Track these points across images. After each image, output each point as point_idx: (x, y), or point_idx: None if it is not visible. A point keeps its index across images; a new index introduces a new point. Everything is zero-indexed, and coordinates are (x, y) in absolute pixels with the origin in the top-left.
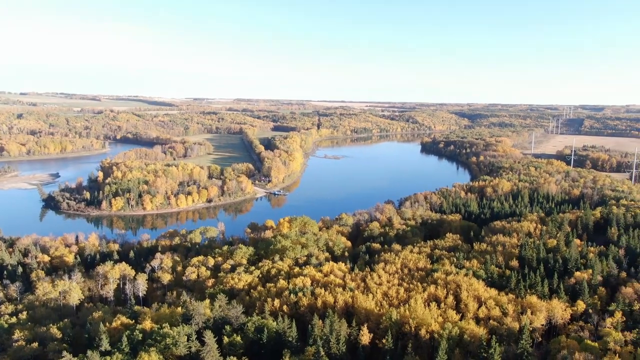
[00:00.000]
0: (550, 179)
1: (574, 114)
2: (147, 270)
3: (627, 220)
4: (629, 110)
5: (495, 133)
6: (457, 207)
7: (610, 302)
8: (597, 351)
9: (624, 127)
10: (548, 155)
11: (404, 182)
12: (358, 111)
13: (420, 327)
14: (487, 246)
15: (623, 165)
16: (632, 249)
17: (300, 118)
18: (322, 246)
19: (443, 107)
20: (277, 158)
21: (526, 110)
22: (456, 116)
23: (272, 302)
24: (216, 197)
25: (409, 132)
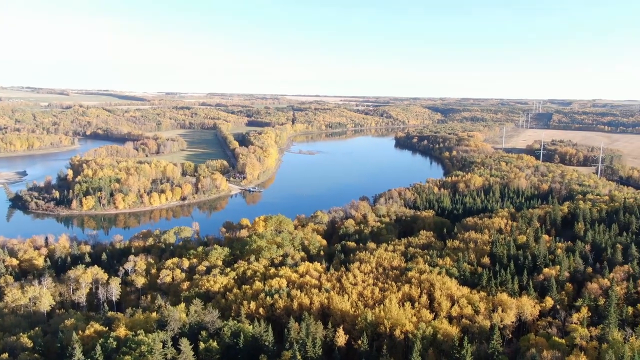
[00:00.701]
0: (520, 174)
1: (543, 109)
2: (120, 274)
3: (593, 215)
4: (595, 105)
5: (467, 128)
6: (431, 203)
7: (576, 298)
8: (564, 348)
9: (590, 122)
10: (518, 150)
11: (378, 177)
12: (333, 106)
13: (395, 327)
14: (460, 243)
15: (589, 159)
16: (597, 244)
17: (274, 113)
18: (298, 245)
19: (416, 101)
20: (251, 154)
21: (497, 105)
22: (429, 111)
23: (248, 305)
24: (190, 195)
25: (383, 127)
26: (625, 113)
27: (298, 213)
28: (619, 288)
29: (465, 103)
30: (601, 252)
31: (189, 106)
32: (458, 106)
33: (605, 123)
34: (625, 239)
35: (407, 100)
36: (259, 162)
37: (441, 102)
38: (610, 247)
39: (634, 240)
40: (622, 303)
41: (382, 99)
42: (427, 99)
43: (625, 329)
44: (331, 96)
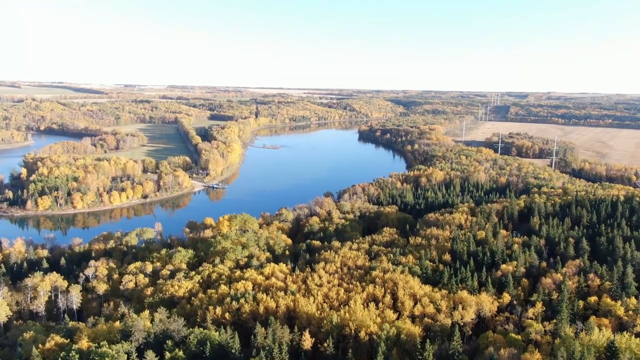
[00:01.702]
0: (479, 168)
1: (501, 101)
2: (80, 280)
3: (547, 209)
4: (550, 97)
5: (429, 121)
6: (394, 198)
7: (532, 293)
8: (520, 344)
9: (545, 114)
10: (478, 143)
11: (343, 171)
12: (296, 99)
13: (360, 329)
14: (422, 240)
15: (544, 151)
16: (551, 238)
17: (237, 106)
18: (263, 245)
19: (379, 94)
20: (214, 150)
21: (457, 98)
22: (392, 103)
23: (214, 311)
24: (152, 193)
25: (347, 120)
26: (577, 106)
27: (263, 210)
28: (571, 282)
29: (427, 96)
30: (555, 246)
31: (149, 99)
32: (420, 99)
33: (559, 115)
34: (577, 233)
35: (370, 93)
36: (222, 158)
37: (403, 95)
38: (563, 241)
39: (584, 234)
40: (574, 297)
41: (346, 92)
42: (390, 92)
43: (576, 323)
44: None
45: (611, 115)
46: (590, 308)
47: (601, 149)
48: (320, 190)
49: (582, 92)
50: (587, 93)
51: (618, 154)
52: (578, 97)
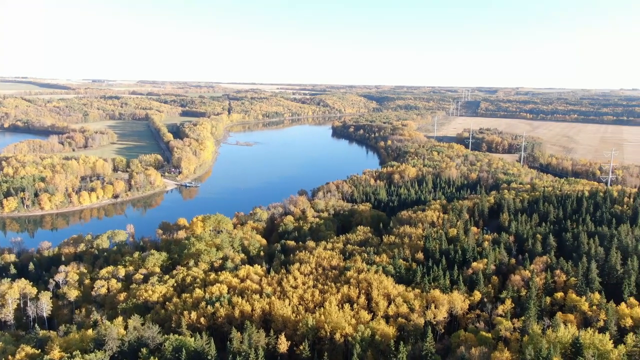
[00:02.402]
0: (451, 164)
1: (471, 97)
2: (50, 286)
3: (516, 205)
4: (518, 93)
5: (401, 116)
6: (368, 196)
7: (502, 290)
8: (490, 342)
9: (514, 109)
10: (449, 138)
11: (317, 168)
12: (269, 94)
13: (335, 331)
14: (396, 238)
15: (514, 147)
16: (520, 234)
17: (210, 102)
18: (238, 247)
19: (352, 89)
20: (187, 147)
21: (429, 93)
22: (365, 99)
23: (189, 315)
24: (123, 192)
25: (320, 116)
26: (545, 101)
27: (237, 209)
28: (539, 279)
29: (400, 91)
30: (523, 242)
31: (119, 95)
32: (392, 94)
33: (528, 111)
34: (544, 229)
35: (343, 89)
36: (195, 155)
37: (376, 90)
38: (531, 237)
39: (551, 230)
40: (541, 293)
41: (319, 87)
42: (363, 87)
43: (543, 319)
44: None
45: (577, 110)
46: (557, 304)
47: (567, 143)
48: (295, 187)
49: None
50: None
51: (583, 148)
52: (545, 92)
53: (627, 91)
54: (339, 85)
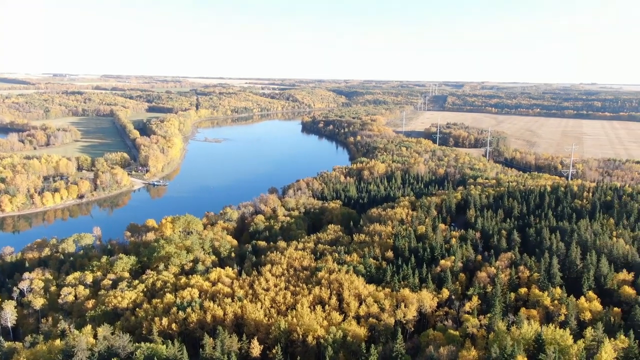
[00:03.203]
0: (419, 159)
1: (438, 91)
2: (14, 295)
3: (482, 201)
4: (484, 87)
5: (370, 111)
6: (338, 193)
7: (469, 287)
8: (458, 339)
9: (480, 104)
10: (418, 133)
11: (287, 165)
12: (238, 89)
13: (308, 333)
14: (366, 236)
15: (480, 141)
16: (486, 231)
17: (177, 98)
18: (208, 248)
19: (322, 83)
20: (154, 145)
21: (397, 87)
22: (334, 94)
23: (160, 322)
24: (88, 193)
25: (290, 111)
26: (509, 95)
27: (206, 208)
28: (503, 275)
29: (368, 86)
30: (489, 238)
31: (81, 90)
32: (361, 89)
33: (493, 105)
34: (509, 225)
35: (312, 83)
36: (162, 153)
37: (345, 85)
38: (496, 233)
39: (515, 226)
40: (506, 289)
41: (288, 81)
42: (332, 81)
43: (508, 315)
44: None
45: (539, 104)
46: (521, 299)
47: (531, 137)
48: (265, 185)
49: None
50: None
51: (546, 142)
52: (510, 86)
53: (586, 85)
54: (308, 80)
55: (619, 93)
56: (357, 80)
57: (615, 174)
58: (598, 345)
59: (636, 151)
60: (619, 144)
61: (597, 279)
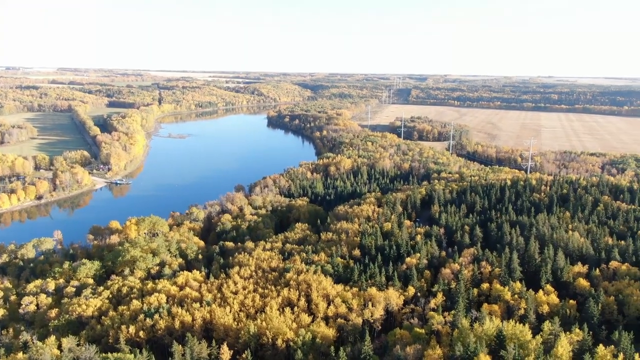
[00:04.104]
0: (384, 154)
1: (403, 84)
2: None
3: (446, 196)
4: (447, 80)
5: (336, 105)
6: (305, 190)
7: (434, 284)
8: (424, 337)
9: (443, 97)
10: (383, 127)
11: (253, 161)
12: (202, 83)
13: (277, 336)
14: (333, 235)
15: (443, 135)
16: (450, 226)
17: (138, 92)
18: (175, 251)
19: (287, 77)
20: (116, 142)
21: (362, 81)
22: (299, 87)
23: (127, 330)
24: (47, 193)
25: (255, 105)
26: (470, 88)
27: (172, 207)
28: (467, 271)
29: (334, 79)
30: (453, 234)
31: (37, 85)
32: (326, 82)
33: (455, 98)
34: (471, 220)
35: (277, 76)
36: (124, 150)
37: (310, 78)
38: (459, 229)
39: (478, 221)
40: (469, 285)
41: (253, 74)
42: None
43: (472, 311)
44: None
45: (500, 97)
46: (484, 294)
47: (492, 130)
48: (231, 182)
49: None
50: (479, 75)
51: (506, 134)
52: (471, 79)
53: (543, 78)
54: (273, 73)
55: (574, 86)
56: (323, 73)
57: (571, 166)
58: (555, 339)
59: (590, 143)
60: (574, 136)
61: (554, 272)
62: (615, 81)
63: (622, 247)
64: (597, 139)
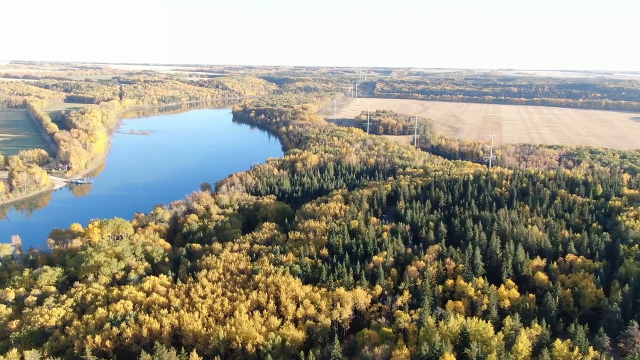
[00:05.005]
0: (350, 149)
1: (367, 77)
2: None
3: (411, 192)
4: (411, 73)
5: (302, 99)
6: (272, 187)
7: (400, 282)
8: (392, 337)
9: (407, 90)
10: (348, 121)
11: (219, 157)
12: (164, 77)
13: (247, 341)
14: (301, 234)
15: (407, 129)
16: (415, 223)
17: (98, 87)
18: (140, 254)
19: (251, 70)
20: (75, 140)
21: (328, 74)
22: (265, 81)
23: (92, 340)
24: (3, 195)
25: (220, 99)
26: (434, 81)
27: (136, 207)
28: (432, 268)
29: (299, 72)
30: (418, 230)
31: None
32: (292, 76)
33: (419, 91)
34: (436, 216)
35: (242, 70)
36: (85, 148)
37: (276, 72)
38: (424, 225)
39: (442, 217)
40: (435, 282)
41: (217, 68)
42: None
43: (437, 308)
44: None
45: (462, 90)
46: (448, 291)
47: (455, 123)
48: (197, 180)
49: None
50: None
51: (468, 128)
52: (434, 72)
53: (504, 71)
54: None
55: (533, 79)
56: (288, 66)
57: (530, 159)
58: (516, 335)
59: (548, 135)
60: (533, 128)
61: (514, 266)
62: (571, 74)
63: (577, 239)
64: (554, 131)
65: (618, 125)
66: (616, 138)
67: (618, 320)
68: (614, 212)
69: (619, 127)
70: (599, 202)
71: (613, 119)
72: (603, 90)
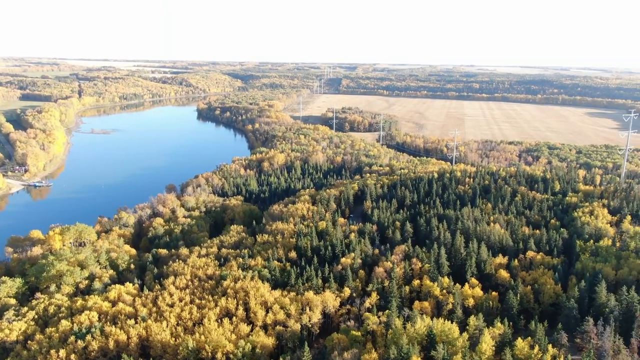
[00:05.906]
0: (317, 147)
1: (333, 74)
2: None
3: (377, 191)
4: (376, 69)
5: (267, 96)
6: (239, 188)
7: (368, 283)
8: (360, 340)
9: (372, 86)
10: (315, 119)
11: (184, 157)
12: (125, 73)
13: (217, 350)
14: (269, 236)
15: (373, 126)
16: (382, 223)
17: (55, 84)
18: (105, 262)
19: (216, 66)
20: (32, 140)
21: (293, 70)
22: (230, 77)
23: (57, 354)
24: None
25: (184, 96)
26: (398, 77)
27: (99, 211)
28: (399, 269)
29: (264, 68)
30: (385, 230)
31: None
32: (257, 72)
33: (384, 87)
34: (402, 216)
35: (206, 66)
36: (43, 149)
37: (241, 68)
38: (391, 225)
39: (408, 216)
40: (402, 283)
41: (180, 64)
42: (227, 64)
43: (404, 309)
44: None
45: (426, 86)
46: (415, 291)
47: (419, 119)
48: (162, 181)
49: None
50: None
51: (432, 124)
52: (399, 68)
53: (466, 67)
54: (202, 62)
55: (493, 75)
56: (253, 63)
57: (492, 155)
58: (480, 334)
59: (508, 130)
60: (495, 124)
61: (478, 265)
62: (529, 70)
63: (537, 236)
64: (514, 127)
65: (574, 120)
66: (572, 133)
67: (575, 316)
68: (570, 208)
69: (575, 122)
70: (556, 199)
71: (569, 114)
72: (560, 86)
